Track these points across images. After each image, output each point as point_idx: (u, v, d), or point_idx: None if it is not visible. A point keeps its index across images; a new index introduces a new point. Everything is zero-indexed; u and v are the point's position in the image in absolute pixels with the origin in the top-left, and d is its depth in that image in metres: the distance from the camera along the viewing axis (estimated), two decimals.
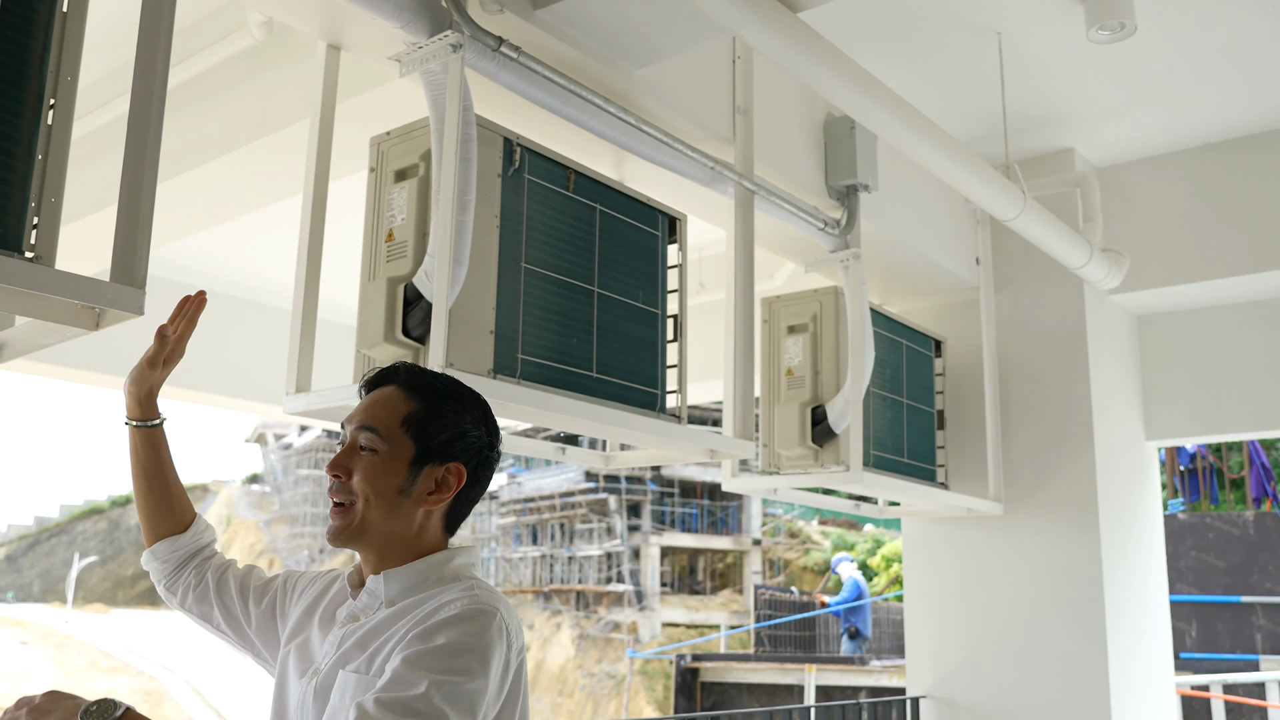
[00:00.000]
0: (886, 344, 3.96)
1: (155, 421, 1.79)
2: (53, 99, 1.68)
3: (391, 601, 1.53)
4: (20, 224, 1.61)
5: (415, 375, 1.61)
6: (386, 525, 1.55)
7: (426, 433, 1.57)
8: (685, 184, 3.09)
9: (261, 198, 3.33)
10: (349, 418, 1.60)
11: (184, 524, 1.81)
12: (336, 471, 1.55)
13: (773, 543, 31.19)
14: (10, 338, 1.90)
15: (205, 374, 4.79)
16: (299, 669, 1.59)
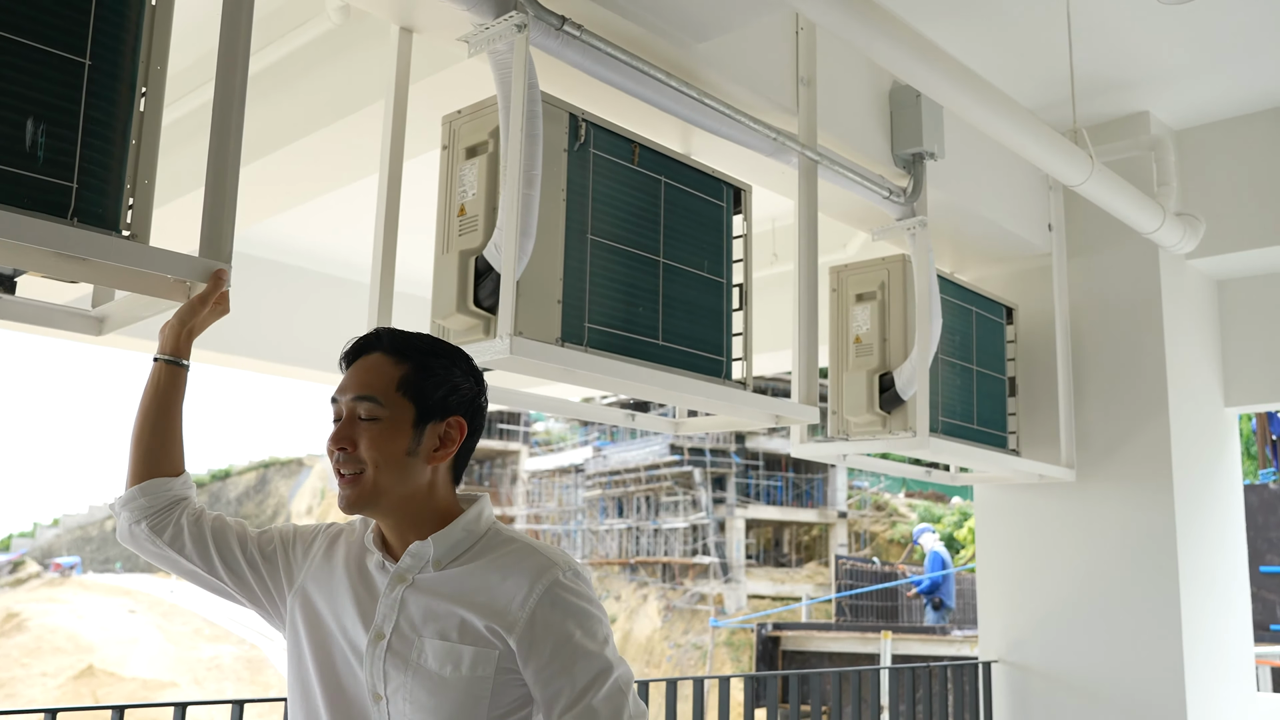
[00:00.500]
0: (956, 311, 3.97)
1: (185, 362, 1.78)
2: (144, 87, 1.81)
3: (439, 563, 1.59)
4: (118, 205, 1.74)
5: (397, 338, 1.64)
6: (400, 487, 1.59)
7: (423, 392, 1.61)
8: (750, 155, 3.15)
9: (340, 177, 3.47)
10: (340, 390, 1.62)
11: (178, 470, 1.78)
12: (342, 444, 1.58)
13: (858, 515, 31.03)
14: (110, 311, 2.04)
15: (288, 347, 4.98)
16: (342, 623, 1.62)
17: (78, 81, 1.69)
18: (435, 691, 1.52)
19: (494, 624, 1.53)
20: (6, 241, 1.59)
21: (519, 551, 1.60)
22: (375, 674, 1.56)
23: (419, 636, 1.55)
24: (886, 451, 3.77)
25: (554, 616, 1.53)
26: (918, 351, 3.52)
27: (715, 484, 30.03)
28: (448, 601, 1.56)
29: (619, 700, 1.53)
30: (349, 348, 1.65)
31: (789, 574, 29.33)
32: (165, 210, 1.96)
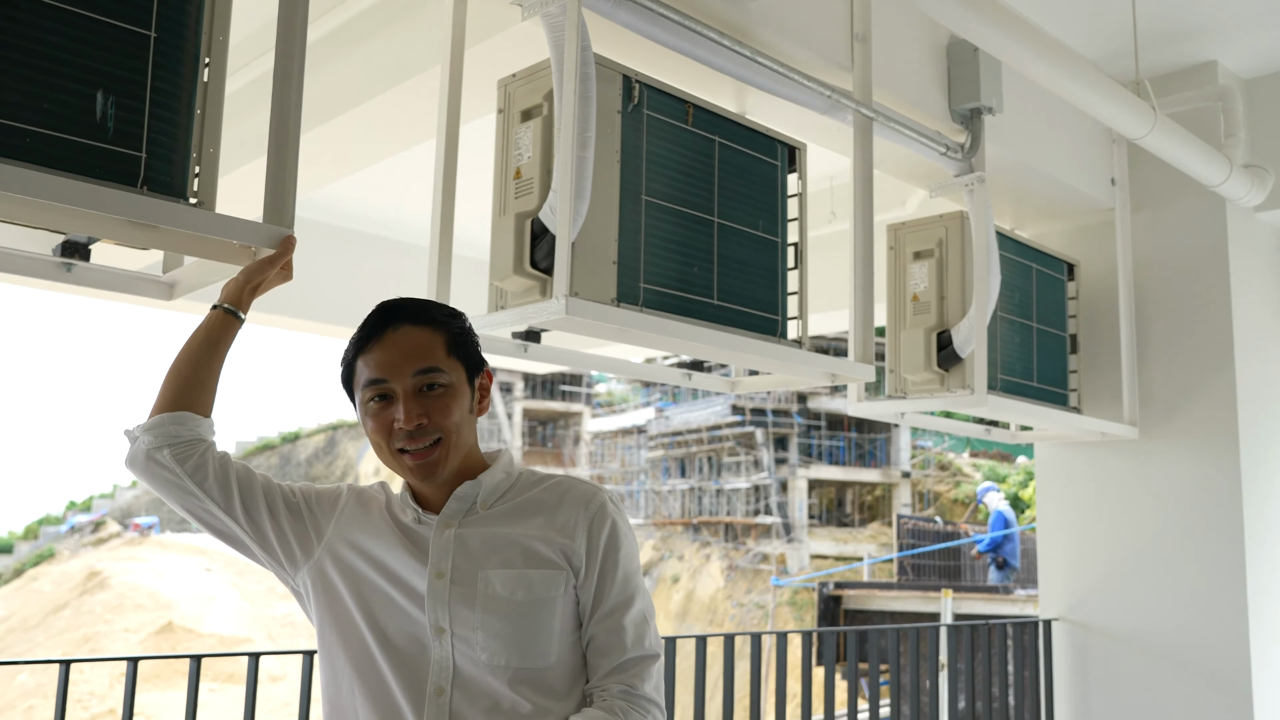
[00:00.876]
0: (1015, 268, 3.93)
1: (241, 315, 1.82)
2: (207, 58, 1.86)
3: (485, 503, 1.68)
4: (184, 173, 1.81)
5: (419, 308, 1.69)
6: (466, 443, 1.68)
7: (466, 350, 1.69)
8: (805, 113, 3.14)
9: (399, 142, 3.51)
10: (383, 370, 1.63)
11: (207, 413, 1.76)
12: (418, 420, 1.61)
13: (922, 476, 30.84)
14: (180, 277, 2.11)
15: (349, 310, 5.07)
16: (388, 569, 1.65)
17: (144, 54, 1.75)
18: (508, 617, 1.59)
19: (559, 544, 1.63)
20: (82, 210, 1.66)
21: (564, 483, 1.72)
22: (440, 611, 1.61)
23: (481, 570, 1.62)
24: (947, 410, 3.77)
25: (605, 535, 1.66)
26: (976, 309, 3.50)
27: (777, 444, 30.00)
28: (507, 533, 1.65)
29: (643, 626, 1.66)
30: (367, 329, 1.67)
31: (851, 534, 29.29)
32: (229, 178, 2.02)
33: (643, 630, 1.65)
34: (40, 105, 1.63)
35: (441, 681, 1.60)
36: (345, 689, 1.66)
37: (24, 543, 41.24)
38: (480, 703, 1.58)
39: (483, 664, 1.59)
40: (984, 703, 4.37)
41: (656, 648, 1.67)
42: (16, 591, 35.01)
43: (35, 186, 1.58)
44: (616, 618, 1.64)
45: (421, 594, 1.62)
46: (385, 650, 1.63)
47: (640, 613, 1.66)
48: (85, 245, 1.92)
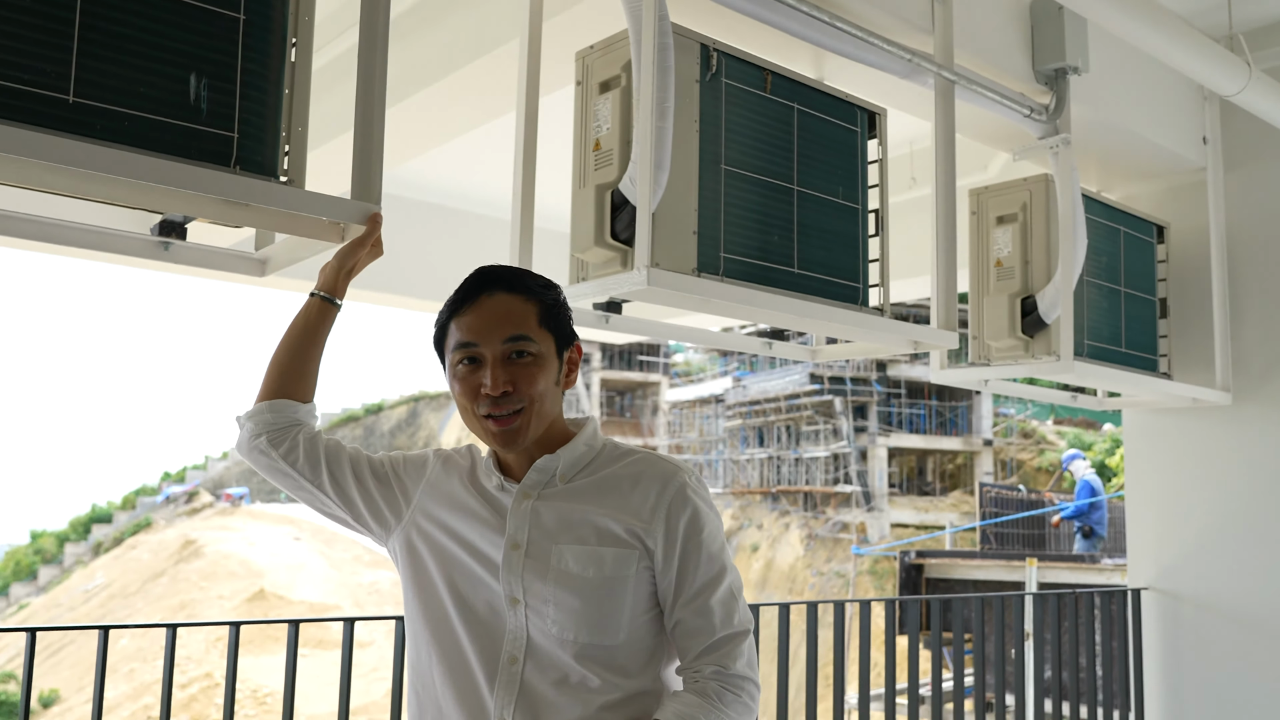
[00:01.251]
0: (1102, 231, 3.85)
1: (338, 301, 1.88)
2: (294, 38, 1.90)
3: (564, 476, 1.68)
4: (275, 152, 1.85)
5: (515, 276, 1.69)
6: (550, 415, 1.68)
7: (558, 321, 1.69)
8: (885, 78, 3.10)
9: (479, 116, 3.55)
10: (476, 336, 1.64)
11: (307, 398, 1.85)
12: (504, 388, 1.62)
13: (1004, 443, 30.38)
14: (271, 253, 2.17)
15: (433, 285, 5.15)
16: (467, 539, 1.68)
17: (234, 36, 1.79)
18: (580, 592, 1.59)
19: (631, 526, 1.62)
20: (178, 190, 1.71)
21: (645, 459, 1.70)
22: (513, 582, 1.63)
23: (556, 544, 1.63)
24: (1032, 377, 3.71)
25: (684, 516, 1.63)
26: (1061, 274, 3.43)
27: (857, 412, 29.76)
28: (582, 509, 1.65)
29: (731, 604, 1.63)
30: (462, 294, 1.68)
31: (933, 502, 28.99)
32: (315, 154, 2.06)
33: (731, 608, 1.63)
34: (137, 90, 1.68)
35: (515, 651, 1.62)
36: (424, 654, 1.70)
37: (122, 513, 42.66)
38: (550, 674, 1.60)
39: (553, 636, 1.60)
40: (1070, 673, 4.32)
41: (746, 624, 1.64)
42: (116, 560, 36.27)
43: (135, 168, 1.64)
44: (703, 599, 1.62)
45: (497, 564, 1.65)
46: (463, 617, 1.66)
47: (728, 590, 1.64)
48: (181, 224, 1.98)
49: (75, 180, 1.68)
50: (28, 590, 38.86)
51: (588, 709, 1.58)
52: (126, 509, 43.10)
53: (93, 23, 1.63)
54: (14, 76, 1.57)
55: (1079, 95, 3.58)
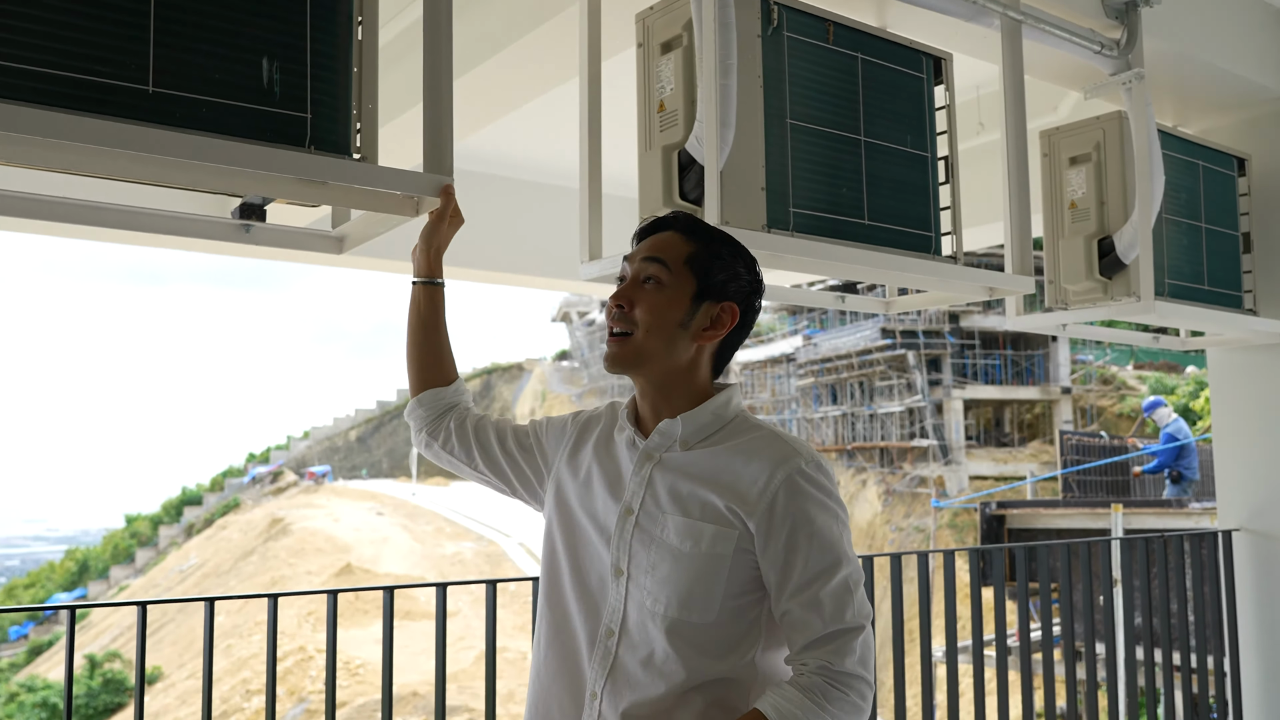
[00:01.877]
0: (1180, 167, 3.75)
1: (439, 280, 1.93)
2: (360, 16, 1.93)
3: (686, 443, 1.65)
4: (347, 130, 1.88)
5: (694, 222, 1.70)
6: (665, 356, 1.65)
7: (708, 270, 1.65)
8: (949, 22, 3.05)
9: (542, 84, 3.56)
10: (630, 256, 1.69)
11: (449, 379, 1.93)
12: (620, 301, 1.64)
13: (1084, 390, 29.85)
14: (349, 230, 2.21)
15: (505, 255, 5.19)
16: (590, 506, 1.70)
17: (302, 18, 1.82)
18: (676, 564, 1.58)
19: (734, 505, 1.57)
20: (256, 172, 1.76)
21: (764, 438, 1.63)
22: (621, 549, 1.63)
23: (663, 513, 1.61)
24: (1112, 319, 3.65)
25: (793, 503, 1.57)
26: (1139, 212, 3.36)
27: (930, 365, 29.42)
28: (691, 481, 1.62)
29: (844, 597, 1.55)
30: (645, 224, 1.72)
31: (1011, 453, 28.61)
32: (384, 130, 2.09)
33: (844, 601, 1.55)
34: (213, 77, 1.72)
35: (612, 624, 1.62)
36: (542, 620, 1.73)
37: (211, 494, 43.89)
38: (639, 652, 1.59)
39: (647, 610, 1.59)
40: (1161, 619, 4.26)
41: (862, 618, 1.55)
42: (208, 540, 37.35)
43: (216, 153, 1.68)
44: (813, 590, 1.54)
45: (610, 531, 1.65)
46: (576, 589, 1.67)
47: (843, 582, 1.56)
48: (260, 206, 2.03)
49: (158, 168, 1.73)
50: (127, 573, 40.21)
51: (670, 689, 1.56)
52: (215, 490, 44.34)
53: (168, 14, 1.67)
54: (97, 70, 1.61)
55: (1151, 28, 3.49)
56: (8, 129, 1.52)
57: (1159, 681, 4.38)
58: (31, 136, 1.55)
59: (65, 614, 2.35)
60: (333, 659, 2.60)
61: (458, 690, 16.60)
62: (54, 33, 1.59)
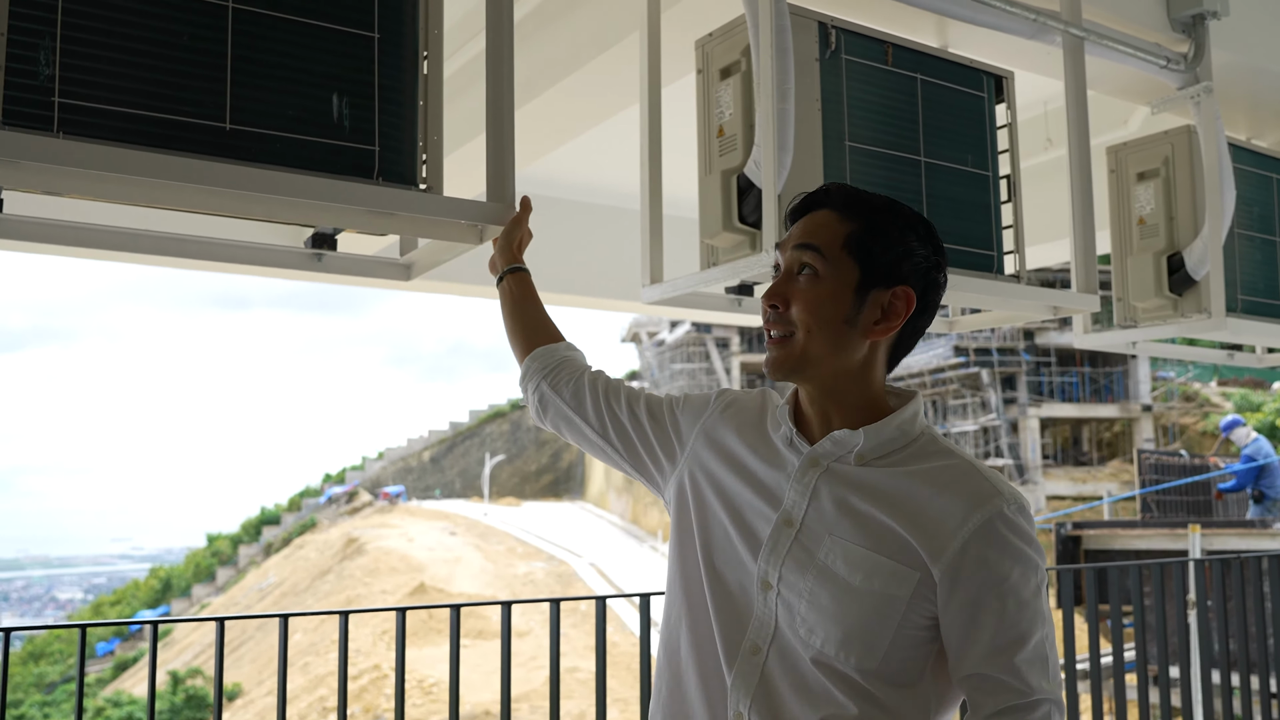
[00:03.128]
0: (1253, 180, 3.69)
1: (523, 266, 2.01)
2: (425, 51, 2.00)
3: (863, 458, 1.44)
4: (414, 162, 1.95)
5: (851, 194, 1.50)
6: (832, 359, 1.44)
7: (871, 253, 1.44)
8: (1011, 40, 3.04)
9: (604, 111, 3.62)
10: (782, 244, 1.50)
11: (558, 339, 1.91)
12: (774, 300, 1.45)
13: (1165, 408, 29.21)
14: (416, 258, 2.28)
15: (569, 277, 5.25)
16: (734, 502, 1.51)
17: (369, 54, 1.90)
18: (840, 598, 1.38)
19: (918, 542, 1.37)
20: (328, 204, 1.83)
21: (960, 469, 1.42)
22: (772, 563, 1.44)
23: (829, 534, 1.41)
24: (1185, 337, 3.59)
25: (990, 553, 1.36)
26: (1209, 227, 3.32)
27: (1005, 384, 29.05)
28: (869, 502, 1.42)
29: (1041, 665, 1.36)
30: (796, 203, 1.53)
31: (1090, 473, 28.07)
32: (449, 159, 2.16)
33: (1041, 669, 1.35)
34: (286, 113, 1.79)
35: (759, 640, 1.43)
36: (674, 618, 1.55)
37: (289, 514, 44.72)
38: (791, 676, 1.41)
39: (801, 638, 1.40)
40: (1239, 643, 4.17)
41: (1058, 688, 1.36)
42: (286, 559, 38.02)
43: (290, 187, 1.76)
44: (1007, 655, 1.34)
45: (761, 540, 1.46)
46: (713, 588, 1.49)
47: (1039, 647, 1.36)
48: (331, 236, 2.10)
49: (235, 201, 1.81)
50: (208, 591, 41.11)
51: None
52: (293, 510, 45.18)
53: (243, 54, 1.75)
54: (178, 110, 1.70)
55: (1219, 40, 3.45)
56: (98, 168, 1.61)
57: (1237, 707, 4.28)
58: (119, 175, 1.63)
59: (148, 630, 2.44)
60: (401, 676, 2.66)
61: (529, 710, 16.68)
62: (138, 75, 1.67)
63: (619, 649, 20.84)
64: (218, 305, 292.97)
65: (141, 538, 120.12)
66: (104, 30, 1.65)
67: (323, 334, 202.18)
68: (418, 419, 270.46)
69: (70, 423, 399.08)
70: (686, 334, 42.06)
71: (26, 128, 1.58)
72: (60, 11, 1.61)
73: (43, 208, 1.99)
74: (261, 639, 28.78)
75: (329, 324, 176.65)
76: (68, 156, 1.59)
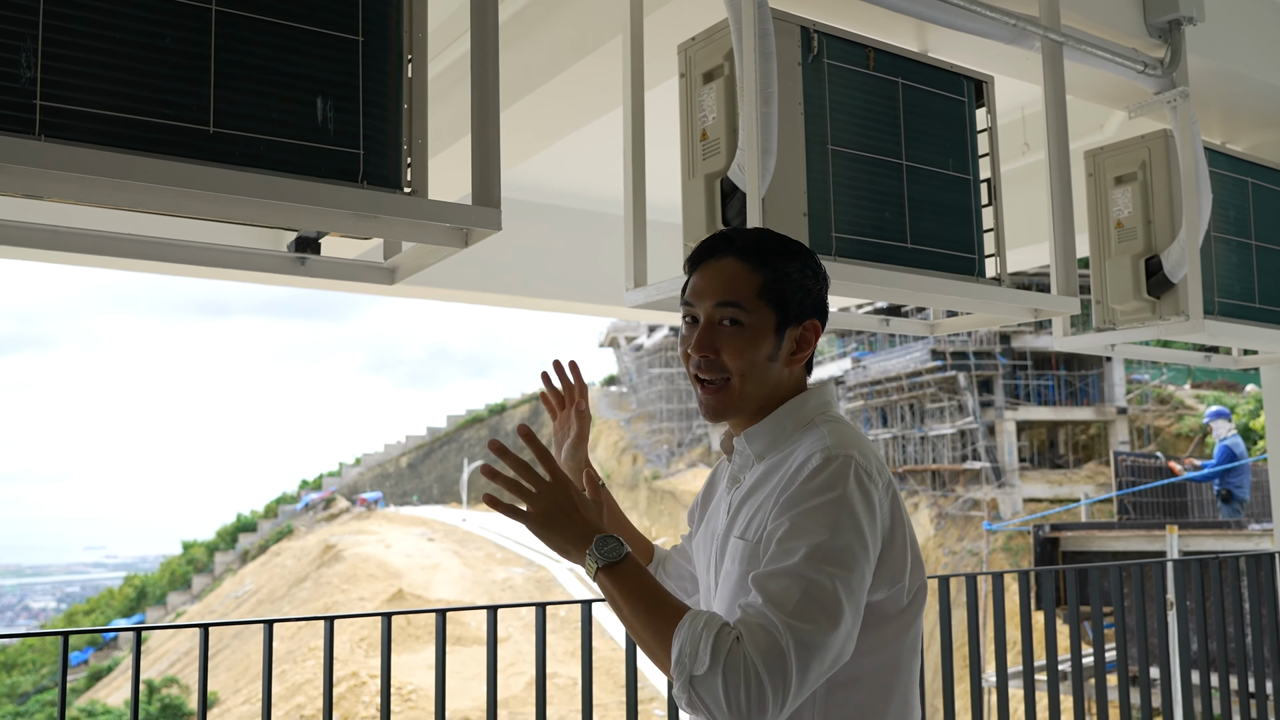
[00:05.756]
0: (1228, 184, 3.73)
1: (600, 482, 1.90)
2: (410, 54, 1.99)
3: (760, 456, 1.58)
4: (398, 165, 1.94)
5: (750, 242, 1.60)
6: (761, 393, 1.58)
7: (784, 298, 1.57)
8: (990, 45, 3.06)
9: (587, 114, 3.62)
10: (694, 295, 1.60)
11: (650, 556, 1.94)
12: (705, 352, 1.57)
13: (1140, 410, 29.39)
14: (400, 261, 2.27)
15: (551, 282, 5.25)
16: (705, 542, 1.69)
17: (354, 58, 1.89)
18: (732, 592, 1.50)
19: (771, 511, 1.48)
20: (312, 208, 1.82)
21: (809, 435, 1.54)
22: (710, 571, 1.63)
23: (733, 536, 1.55)
24: (1164, 339, 3.62)
25: (794, 489, 1.45)
26: (1186, 231, 3.35)
27: (982, 387, 29.15)
28: (753, 497, 1.55)
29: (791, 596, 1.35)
30: (697, 250, 1.63)
31: (1066, 475, 28.22)
32: (433, 162, 2.15)
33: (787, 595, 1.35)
34: (270, 116, 1.78)
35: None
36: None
37: (265, 521, 44.45)
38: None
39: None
40: (1218, 643, 4.20)
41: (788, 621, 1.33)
42: (263, 566, 37.75)
43: (274, 190, 1.75)
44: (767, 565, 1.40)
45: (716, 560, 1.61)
46: None
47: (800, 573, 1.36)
48: (315, 240, 2.09)
49: (218, 205, 1.80)
50: (183, 599, 40.78)
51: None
52: (269, 517, 44.90)
53: (227, 57, 1.75)
54: (160, 113, 1.69)
55: (1195, 45, 3.48)
56: (79, 171, 1.59)
57: (1216, 707, 4.31)
58: (100, 177, 1.62)
59: (129, 638, 2.42)
60: (387, 680, 2.64)
61: (509, 716, 16.62)
62: (121, 77, 1.66)
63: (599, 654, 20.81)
64: (198, 312, 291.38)
65: (116, 545, 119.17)
66: (86, 33, 1.64)
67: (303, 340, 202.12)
68: (396, 425, 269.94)
69: (45, 431, 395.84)
70: (665, 338, 42.13)
71: (7, 130, 1.57)
72: (42, 14, 1.60)
73: (21, 211, 1.97)
74: (238, 647, 28.56)
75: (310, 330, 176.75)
76: (49, 159, 1.58)
